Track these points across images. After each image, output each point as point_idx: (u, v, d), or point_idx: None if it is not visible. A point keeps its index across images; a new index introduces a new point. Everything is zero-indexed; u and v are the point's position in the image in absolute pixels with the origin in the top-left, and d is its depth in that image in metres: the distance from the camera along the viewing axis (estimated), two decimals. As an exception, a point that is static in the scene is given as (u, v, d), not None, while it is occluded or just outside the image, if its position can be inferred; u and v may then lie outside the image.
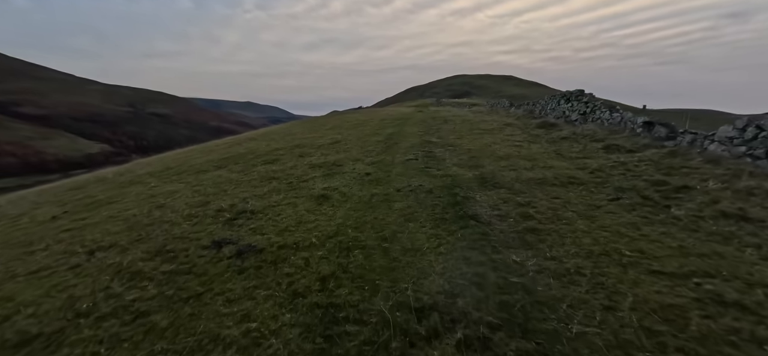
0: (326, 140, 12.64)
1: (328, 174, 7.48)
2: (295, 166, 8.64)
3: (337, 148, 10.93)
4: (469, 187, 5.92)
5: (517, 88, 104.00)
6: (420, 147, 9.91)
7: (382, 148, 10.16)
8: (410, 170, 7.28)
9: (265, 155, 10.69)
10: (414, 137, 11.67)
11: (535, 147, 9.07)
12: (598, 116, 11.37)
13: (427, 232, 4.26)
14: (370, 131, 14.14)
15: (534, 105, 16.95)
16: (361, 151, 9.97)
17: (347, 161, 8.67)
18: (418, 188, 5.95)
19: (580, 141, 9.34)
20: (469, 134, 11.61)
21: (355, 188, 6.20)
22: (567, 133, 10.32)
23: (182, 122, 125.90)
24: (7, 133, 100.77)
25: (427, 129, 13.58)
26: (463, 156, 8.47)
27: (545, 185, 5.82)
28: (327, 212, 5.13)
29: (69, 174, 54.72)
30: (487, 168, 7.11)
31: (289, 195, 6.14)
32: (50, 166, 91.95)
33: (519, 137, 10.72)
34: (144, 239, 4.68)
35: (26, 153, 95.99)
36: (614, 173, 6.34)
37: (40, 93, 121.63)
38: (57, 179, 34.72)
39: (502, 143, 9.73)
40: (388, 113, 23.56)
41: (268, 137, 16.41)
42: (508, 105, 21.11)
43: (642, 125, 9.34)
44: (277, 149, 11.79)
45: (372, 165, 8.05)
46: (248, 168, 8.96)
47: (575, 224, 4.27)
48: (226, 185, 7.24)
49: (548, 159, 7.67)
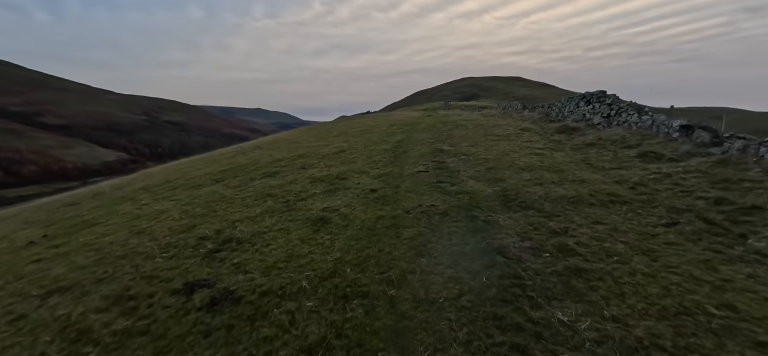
0: (331, 149, 11.88)
1: (330, 190, 6.68)
2: (295, 180, 7.87)
3: (342, 158, 10.15)
4: (490, 207, 5.03)
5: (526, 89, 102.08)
6: (431, 156, 9.04)
7: (389, 158, 9.33)
8: (421, 186, 6.42)
9: (265, 167, 9.98)
10: (424, 145, 10.81)
11: (560, 156, 8.10)
12: (624, 119, 10.31)
13: (444, 272, 3.40)
14: (378, 138, 13.33)
15: (550, 107, 15.89)
16: (367, 161, 9.16)
17: (352, 174, 7.86)
18: (431, 209, 5.08)
19: (609, 148, 8.34)
20: (483, 141, 10.68)
21: (359, 209, 5.38)
22: (592, 138, 9.31)
23: (196, 129, 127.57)
24: (29, 142, 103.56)
25: (438, 135, 12.69)
26: (479, 167, 7.57)
27: (581, 204, 4.89)
28: (324, 242, 4.32)
29: (87, 182, 55.57)
30: (508, 182, 6.20)
31: (284, 218, 5.34)
32: (70, 173, 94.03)
33: (539, 143, 9.75)
34: (109, 277, 3.93)
35: (48, 162, 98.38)
36: (660, 188, 5.36)
37: (61, 103, 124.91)
38: (77, 187, 35.02)
39: (521, 151, 8.78)
40: (396, 118, 22.74)
41: (273, 146, 15.77)
42: (521, 107, 20.05)
43: (679, 128, 8.29)
44: (279, 159, 11.07)
45: (378, 179, 7.22)
46: (246, 183, 8.24)
47: (632, 262, 3.35)
48: (218, 205, 6.50)
49: (577, 170, 6.71)
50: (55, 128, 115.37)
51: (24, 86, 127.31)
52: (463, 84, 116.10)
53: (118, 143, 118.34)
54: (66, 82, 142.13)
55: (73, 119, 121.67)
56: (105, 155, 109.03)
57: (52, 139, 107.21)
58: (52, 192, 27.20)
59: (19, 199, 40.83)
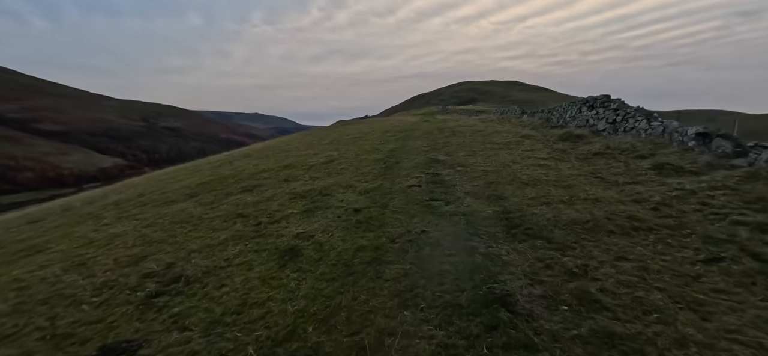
0: (320, 159, 11.09)
1: (310, 210, 5.86)
2: (274, 196, 7.06)
3: (329, 169, 9.35)
4: (492, 234, 4.22)
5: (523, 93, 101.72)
6: (425, 168, 8.25)
7: (380, 170, 8.53)
8: (411, 204, 5.61)
9: (246, 180, 9.16)
10: (418, 154, 10.02)
11: (565, 167, 7.32)
12: (632, 126, 9.56)
13: (432, 335, 2.59)
14: (370, 147, 12.55)
15: (550, 112, 15.15)
16: (355, 173, 8.35)
17: (337, 189, 7.05)
18: (421, 236, 4.27)
19: (619, 158, 7.56)
20: (481, 150, 9.90)
21: (337, 236, 4.56)
22: (599, 147, 8.54)
23: (193, 134, 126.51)
24: (26, 149, 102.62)
25: (434, 143, 11.91)
26: (477, 181, 6.77)
27: (599, 231, 4.09)
28: (288, 284, 3.50)
29: (83, 188, 54.66)
30: (510, 201, 5.40)
31: (250, 247, 4.53)
32: (67, 180, 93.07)
33: (541, 152, 8.97)
34: (12, 336, 3.11)
35: (44, 168, 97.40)
36: (687, 209, 4.57)
37: (58, 110, 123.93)
38: (72, 193, 34.02)
39: (523, 162, 8.00)
40: (391, 124, 21.97)
41: (262, 154, 14.97)
42: (520, 112, 19.31)
43: (694, 136, 7.52)
44: (263, 171, 10.26)
45: (365, 195, 6.42)
46: (220, 199, 7.42)
47: (677, 322, 2.54)
48: (181, 228, 5.68)
49: (588, 186, 5.92)
50: (53, 134, 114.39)
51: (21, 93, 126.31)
52: (460, 88, 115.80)
53: (115, 149, 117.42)
54: (64, 89, 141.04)
55: (71, 125, 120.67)
56: (102, 161, 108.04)
57: (49, 145, 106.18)
58: (46, 199, 26.41)
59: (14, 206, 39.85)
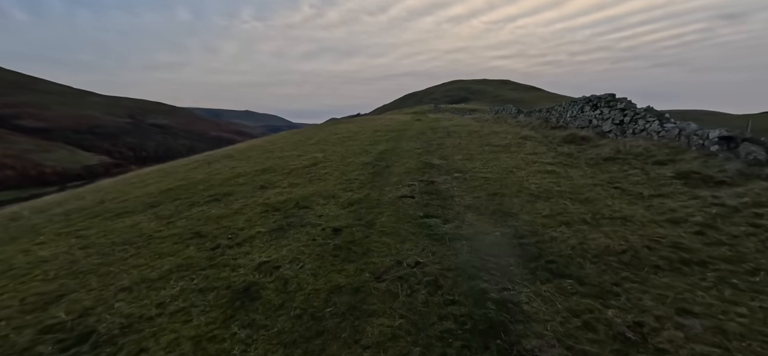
0: (303, 161, 10.06)
1: (281, 228, 4.85)
2: (244, 208, 6.03)
3: (312, 174, 8.33)
4: (504, 269, 3.28)
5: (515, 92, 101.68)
6: (418, 174, 7.30)
7: (368, 175, 7.55)
8: (403, 223, 4.65)
9: (218, 186, 8.09)
10: (411, 158, 9.06)
11: (577, 175, 6.44)
12: (642, 127, 8.75)
13: None
14: (359, 148, 11.55)
15: (548, 112, 14.36)
16: (340, 180, 7.36)
17: (317, 200, 6.06)
18: (414, 273, 3.31)
19: (635, 164, 6.72)
20: (480, 153, 8.99)
21: (308, 268, 3.58)
22: (609, 151, 7.70)
23: (182, 132, 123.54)
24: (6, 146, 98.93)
25: (427, 145, 10.97)
26: (478, 192, 5.84)
27: (641, 267, 3.18)
28: (231, 350, 2.51)
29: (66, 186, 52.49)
30: (521, 219, 4.48)
31: (196, 284, 3.51)
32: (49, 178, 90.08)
33: (546, 156, 8.10)
34: None
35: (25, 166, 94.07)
36: (738, 233, 3.70)
37: (41, 106, 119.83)
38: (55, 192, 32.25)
39: (528, 168, 7.10)
40: (383, 123, 20.98)
41: (244, 155, 13.85)
42: (516, 112, 18.52)
43: (718, 140, 6.72)
44: (239, 175, 9.19)
45: (349, 209, 5.43)
46: (181, 211, 6.36)
47: None
48: (122, 252, 4.62)
49: (609, 199, 5.04)
50: (34, 131, 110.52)
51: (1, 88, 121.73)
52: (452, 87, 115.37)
53: (100, 146, 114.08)
54: (47, 84, 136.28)
55: (54, 121, 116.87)
56: (86, 159, 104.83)
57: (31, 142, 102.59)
58: (28, 198, 24.81)
59: (-11, 206, 37.75)
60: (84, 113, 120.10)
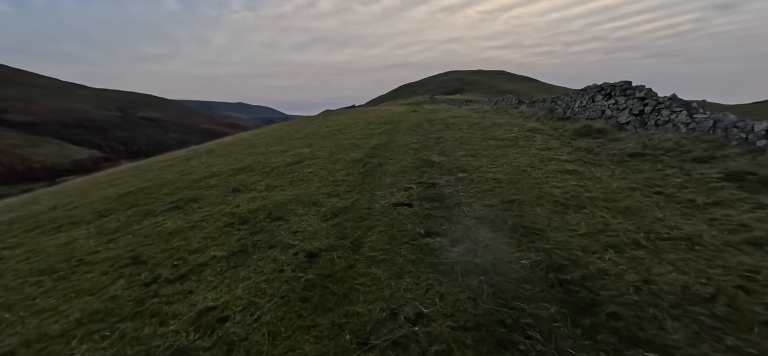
0: (287, 158, 8.93)
1: (243, 252, 3.76)
2: (206, 220, 4.92)
3: (294, 174, 7.23)
4: (550, 335, 2.23)
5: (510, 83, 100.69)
6: (416, 174, 6.22)
7: (357, 176, 6.46)
8: (397, 243, 3.58)
9: (185, 189, 6.96)
10: (407, 154, 7.97)
11: (605, 175, 5.40)
12: (666, 118, 7.73)
13: None
14: (350, 143, 10.44)
15: (553, 102, 13.30)
16: (325, 182, 6.27)
17: (295, 209, 4.97)
18: (414, 335, 2.25)
19: (669, 162, 5.70)
20: (484, 147, 7.93)
21: (265, 323, 2.50)
22: (634, 145, 6.67)
23: (173, 125, 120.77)
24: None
25: (425, 139, 9.88)
26: (490, 197, 4.78)
27: (750, 328, 2.16)
28: None
29: (56, 181, 50.74)
30: (551, 238, 3.44)
31: (101, 352, 2.44)
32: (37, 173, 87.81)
33: (561, 152, 7.06)
34: None
35: (12, 161, 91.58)
36: None
37: (27, 99, 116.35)
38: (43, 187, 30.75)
39: (544, 167, 6.06)
40: (376, 115, 19.81)
41: (226, 151, 12.67)
42: (516, 102, 17.44)
43: (765, 134, 5.72)
44: (212, 175, 8.05)
45: (331, 222, 4.35)
46: (131, 223, 5.23)
47: None
48: (29, 290, 3.50)
49: (655, 208, 4.01)
50: (21, 125, 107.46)
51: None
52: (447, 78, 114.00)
53: (90, 140, 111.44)
54: (33, 77, 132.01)
55: (41, 115, 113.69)
56: (76, 154, 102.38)
57: (18, 137, 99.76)
58: (17, 194, 23.41)
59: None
60: (72, 106, 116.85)
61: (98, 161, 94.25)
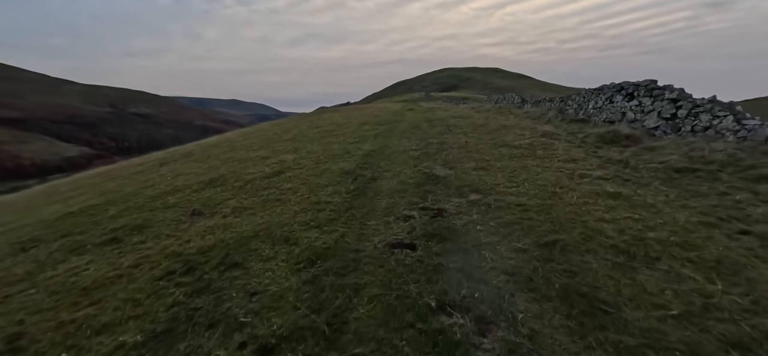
0: (266, 168, 7.63)
1: (167, 334, 2.53)
2: (141, 263, 3.65)
3: (269, 190, 5.95)
4: None
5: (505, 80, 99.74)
6: (418, 195, 4.98)
7: (345, 197, 5.21)
8: (397, 331, 2.35)
9: (136, 211, 5.66)
10: (405, 165, 6.73)
11: (659, 201, 4.21)
12: (707, 125, 6.57)
13: None
14: (340, 147, 9.16)
15: (563, 101, 12.13)
16: (304, 204, 5.01)
17: (260, 248, 3.72)
18: None
19: (731, 181, 4.53)
20: (497, 158, 6.71)
21: None
22: (679, 158, 5.50)
23: (166, 121, 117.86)
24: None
25: (425, 144, 8.63)
26: (519, 236, 3.56)
27: None
28: None
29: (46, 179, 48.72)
30: (633, 323, 2.24)
31: None
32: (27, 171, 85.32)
33: (589, 163, 5.86)
34: None
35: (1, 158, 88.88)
36: None
37: (14, 95, 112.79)
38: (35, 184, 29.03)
39: (577, 187, 4.85)
40: (371, 113, 18.51)
41: (204, 154, 11.34)
42: (519, 101, 16.23)
43: None
44: (176, 189, 6.76)
45: (304, 275, 3.10)
46: (43, 267, 3.94)
47: None
48: None
49: (754, 260, 2.83)
50: (9, 121, 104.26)
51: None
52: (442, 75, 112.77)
53: (80, 137, 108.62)
54: (20, 72, 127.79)
55: (30, 111, 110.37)
56: (66, 150, 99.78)
57: (6, 133, 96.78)
58: (8, 191, 21.83)
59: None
60: (61, 102, 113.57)
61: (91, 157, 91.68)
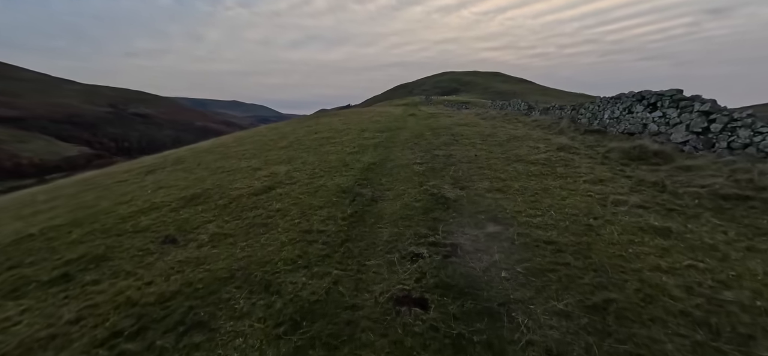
0: (256, 182, 6.88)
1: None
2: (85, 317, 2.94)
3: (256, 211, 5.19)
4: None
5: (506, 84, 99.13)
6: (425, 224, 4.23)
7: (341, 225, 4.44)
8: None
9: (99, 237, 4.91)
10: (409, 183, 5.97)
11: (718, 240, 3.46)
12: (747, 142, 5.83)
13: None
14: (338, 158, 8.41)
15: (575, 110, 11.41)
16: (294, 232, 4.25)
17: (233, 299, 2.97)
18: None
19: (802, 215, 3.80)
20: (512, 176, 5.96)
21: None
22: (723, 181, 4.75)
23: (166, 122, 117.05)
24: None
25: (430, 157, 7.88)
26: (558, 290, 2.81)
27: None
28: None
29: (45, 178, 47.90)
30: None
31: None
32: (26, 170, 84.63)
33: (619, 185, 5.11)
34: None
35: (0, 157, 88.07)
36: None
37: (14, 94, 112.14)
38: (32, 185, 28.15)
39: (611, 217, 4.10)
40: (371, 118, 17.78)
41: (195, 161, 10.58)
42: (526, 107, 15.50)
43: None
44: (153, 206, 6.00)
45: (283, 350, 2.37)
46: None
47: None
48: None
49: None
50: (7, 120, 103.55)
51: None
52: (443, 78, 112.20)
53: (80, 136, 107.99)
54: (20, 71, 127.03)
55: (29, 110, 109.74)
56: (65, 150, 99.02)
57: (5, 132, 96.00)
58: (6, 191, 21.08)
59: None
60: (61, 101, 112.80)
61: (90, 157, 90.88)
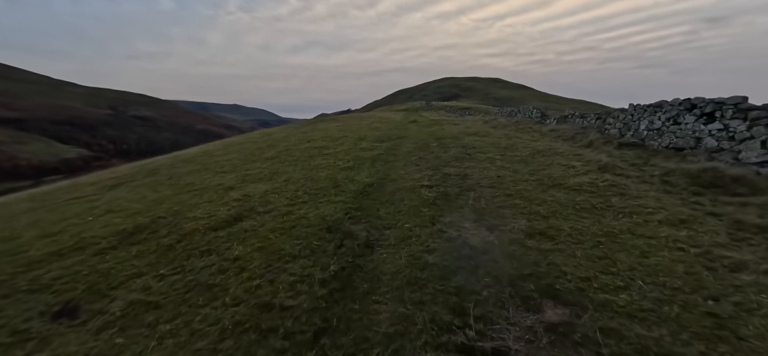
0: (220, 208, 5.39)
1: None
2: None
3: (203, 261, 3.69)
4: None
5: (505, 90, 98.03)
6: (444, 298, 2.74)
7: (318, 294, 2.95)
8: None
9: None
10: (417, 215, 4.47)
11: None
12: None
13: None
14: (328, 175, 6.92)
15: (600, 119, 9.96)
16: (243, 313, 2.75)
17: None
18: None
19: None
20: (552, 209, 4.47)
21: None
22: None
23: (166, 125, 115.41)
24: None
25: (441, 175, 6.39)
26: None
27: None
28: None
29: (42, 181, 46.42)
30: None
31: None
32: (24, 171, 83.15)
33: (703, 226, 3.63)
34: None
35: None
36: None
37: (14, 95, 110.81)
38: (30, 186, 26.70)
39: (731, 290, 2.63)
40: (370, 125, 16.30)
41: (168, 173, 9.10)
42: (539, 115, 14.02)
43: None
44: (76, 246, 4.50)
45: None
46: None
47: None
48: None
49: None
50: (6, 121, 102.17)
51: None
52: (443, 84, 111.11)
53: (79, 138, 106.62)
54: (21, 73, 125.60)
55: (28, 111, 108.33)
56: (64, 152, 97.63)
57: (4, 133, 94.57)
58: (4, 192, 19.62)
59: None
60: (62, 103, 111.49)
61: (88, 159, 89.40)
